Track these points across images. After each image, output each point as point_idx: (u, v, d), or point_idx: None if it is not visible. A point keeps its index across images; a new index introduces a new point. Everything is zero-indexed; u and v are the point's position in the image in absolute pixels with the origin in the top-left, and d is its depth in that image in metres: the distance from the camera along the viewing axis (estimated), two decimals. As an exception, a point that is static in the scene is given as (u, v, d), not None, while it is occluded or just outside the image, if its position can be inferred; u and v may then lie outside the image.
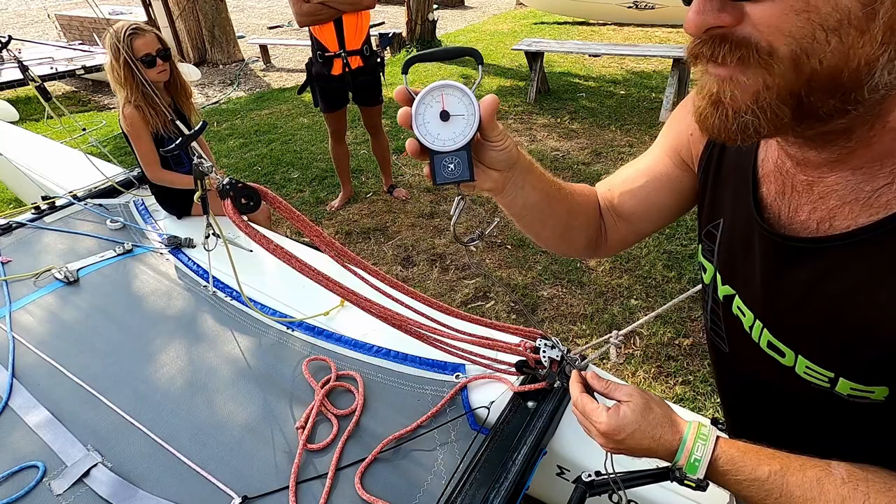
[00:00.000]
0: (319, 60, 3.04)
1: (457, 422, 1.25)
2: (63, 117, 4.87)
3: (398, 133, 4.88)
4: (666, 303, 1.63)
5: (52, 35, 10.36)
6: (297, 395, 1.36)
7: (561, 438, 1.22)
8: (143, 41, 1.95)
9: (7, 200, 3.98)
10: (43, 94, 2.15)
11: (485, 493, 1.04)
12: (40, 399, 1.38)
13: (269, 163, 4.49)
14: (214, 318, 1.66)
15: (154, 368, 1.48)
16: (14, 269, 1.92)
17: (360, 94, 3.25)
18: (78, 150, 2.89)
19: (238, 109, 6.06)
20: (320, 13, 2.84)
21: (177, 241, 2.01)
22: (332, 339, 1.54)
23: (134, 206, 2.34)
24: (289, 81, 7.22)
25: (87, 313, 1.70)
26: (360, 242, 3.30)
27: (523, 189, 0.69)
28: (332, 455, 1.18)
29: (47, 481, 1.17)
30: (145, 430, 1.28)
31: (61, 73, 6.19)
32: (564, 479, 1.24)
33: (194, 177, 1.30)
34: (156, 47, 1.99)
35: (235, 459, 1.21)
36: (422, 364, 1.42)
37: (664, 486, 1.07)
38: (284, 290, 1.76)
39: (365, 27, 3.02)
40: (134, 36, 1.93)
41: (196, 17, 7.96)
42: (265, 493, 1.12)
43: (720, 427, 1.21)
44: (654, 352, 2.32)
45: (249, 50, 8.80)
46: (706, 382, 2.14)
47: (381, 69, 3.24)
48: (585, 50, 5.63)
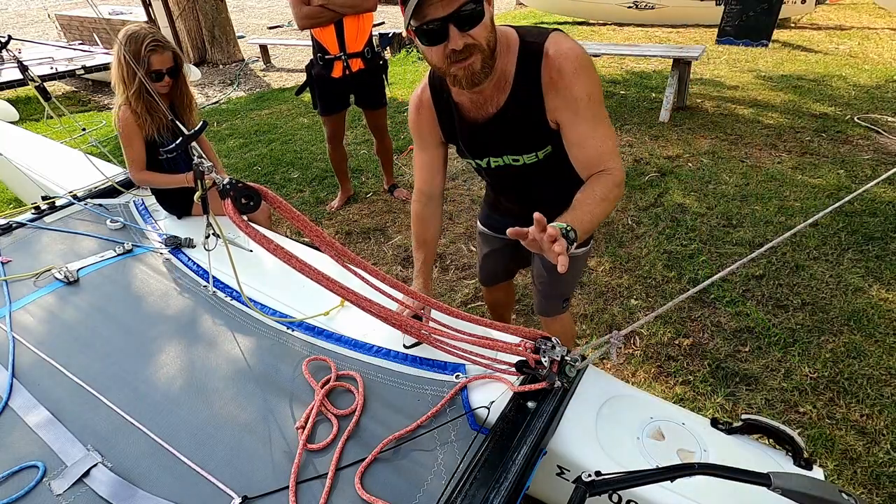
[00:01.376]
0: (320, 62, 2.99)
1: (457, 422, 1.24)
2: (63, 117, 4.88)
3: (398, 133, 4.89)
4: (666, 303, 1.63)
5: (52, 35, 10.37)
6: (297, 395, 1.36)
7: (561, 438, 1.22)
8: (159, 58, 1.92)
9: (7, 200, 3.98)
10: (43, 94, 2.15)
11: (485, 493, 1.04)
12: (40, 399, 1.38)
13: (269, 163, 4.49)
14: (214, 318, 1.66)
15: (154, 368, 1.48)
16: (14, 269, 1.92)
17: (363, 97, 3.21)
18: (78, 150, 2.89)
19: (238, 109, 6.06)
20: (321, 16, 2.79)
21: (177, 241, 2.01)
22: (332, 339, 1.54)
23: (134, 206, 2.34)
24: (289, 81, 7.22)
25: (87, 313, 1.70)
26: (360, 242, 3.30)
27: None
28: (332, 455, 1.18)
29: (47, 481, 1.17)
30: (145, 430, 1.28)
31: (61, 73, 6.19)
32: (564, 479, 1.24)
33: (194, 176, 1.30)
34: (169, 65, 1.97)
35: (235, 459, 1.21)
36: (422, 364, 1.42)
37: (664, 486, 1.07)
38: (284, 290, 1.76)
39: (367, 29, 2.97)
40: (153, 52, 1.90)
41: (196, 17, 7.96)
42: (265, 493, 1.12)
43: (720, 427, 1.22)
44: (654, 352, 2.32)
45: (249, 50, 8.80)
46: (706, 382, 2.14)
47: (383, 71, 3.20)
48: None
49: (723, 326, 2.42)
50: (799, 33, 7.84)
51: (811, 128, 4.49)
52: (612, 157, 1.21)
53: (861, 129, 4.41)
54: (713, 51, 7.04)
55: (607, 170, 1.20)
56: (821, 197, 3.42)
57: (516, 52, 1.19)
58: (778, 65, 6.32)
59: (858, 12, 9.07)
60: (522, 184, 1.43)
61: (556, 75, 1.15)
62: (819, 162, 3.90)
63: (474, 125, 1.32)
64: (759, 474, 0.84)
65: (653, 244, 3.03)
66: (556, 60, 1.15)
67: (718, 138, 4.40)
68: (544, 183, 1.40)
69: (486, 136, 1.33)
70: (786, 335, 2.35)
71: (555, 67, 1.15)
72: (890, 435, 1.89)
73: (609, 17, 9.27)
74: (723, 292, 2.62)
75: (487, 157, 1.38)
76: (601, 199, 1.17)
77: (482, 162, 1.41)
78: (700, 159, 4.05)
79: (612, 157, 1.21)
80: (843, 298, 2.54)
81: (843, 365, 2.18)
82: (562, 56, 1.15)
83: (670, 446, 1.18)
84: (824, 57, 6.54)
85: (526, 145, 1.30)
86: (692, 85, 5.47)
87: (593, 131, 1.19)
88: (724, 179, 3.72)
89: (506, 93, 1.23)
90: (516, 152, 1.32)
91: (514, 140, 1.30)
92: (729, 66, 6.39)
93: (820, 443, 1.88)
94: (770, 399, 2.06)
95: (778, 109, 4.96)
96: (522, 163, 1.34)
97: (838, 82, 5.57)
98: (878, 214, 3.17)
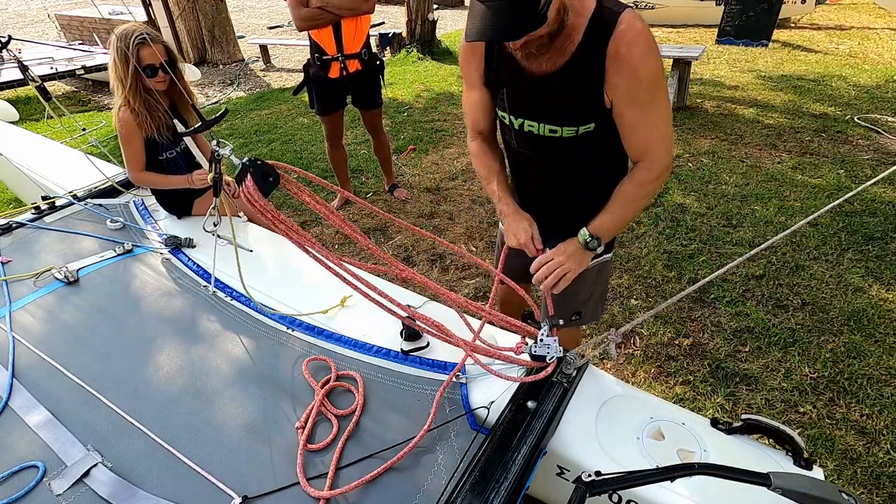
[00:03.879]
0: (317, 63, 3.02)
1: (457, 422, 1.24)
2: (63, 117, 4.88)
3: (398, 133, 4.89)
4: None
5: (52, 35, 10.36)
6: (297, 395, 1.36)
7: (561, 438, 1.22)
8: (149, 51, 1.92)
9: (7, 200, 3.98)
10: (43, 94, 2.15)
11: (485, 493, 1.04)
12: (40, 399, 1.38)
13: (269, 163, 4.48)
14: (214, 318, 1.66)
15: (154, 368, 1.48)
16: (14, 269, 1.92)
17: (358, 97, 3.25)
18: (78, 150, 2.89)
19: (238, 109, 6.06)
20: (319, 18, 2.82)
21: (177, 241, 2.00)
22: (332, 338, 1.54)
23: (134, 206, 2.34)
24: (289, 81, 7.22)
25: (87, 313, 1.70)
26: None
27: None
28: (332, 455, 1.18)
29: (47, 481, 1.17)
30: (145, 430, 1.28)
31: (61, 73, 6.18)
32: (564, 479, 1.24)
33: (210, 160, 1.32)
34: (161, 59, 1.97)
35: (235, 459, 1.21)
36: (422, 364, 1.42)
37: (664, 486, 1.07)
38: (284, 289, 1.76)
39: (364, 31, 3.00)
40: (142, 45, 1.91)
41: (196, 17, 7.96)
42: (265, 493, 1.12)
43: (720, 427, 1.22)
44: (654, 352, 2.32)
45: (249, 50, 8.80)
46: (706, 382, 2.14)
47: (380, 72, 3.23)
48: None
49: (723, 326, 2.42)
50: (799, 33, 7.84)
51: (811, 128, 4.49)
52: (661, 143, 1.20)
53: (861, 129, 4.41)
54: (713, 51, 7.04)
55: (650, 160, 1.21)
56: (821, 197, 3.42)
57: (589, 15, 1.11)
58: (778, 65, 6.32)
59: (858, 12, 9.07)
60: (547, 159, 1.34)
61: (625, 50, 1.09)
62: (819, 162, 3.91)
63: (524, 79, 1.22)
64: (759, 474, 0.84)
65: (653, 244, 3.03)
66: (629, 35, 1.09)
67: (718, 138, 4.40)
68: (570, 165, 1.34)
69: (532, 94, 1.24)
70: (786, 335, 2.35)
71: (625, 42, 1.09)
72: (890, 435, 1.89)
73: (609, 17, 9.25)
74: (723, 292, 2.62)
75: (524, 118, 1.29)
76: (632, 198, 1.21)
77: (516, 121, 1.31)
78: (700, 159, 4.05)
79: (661, 142, 1.20)
80: (843, 298, 2.54)
81: (843, 365, 2.18)
82: (636, 32, 1.09)
83: (670, 446, 1.18)
84: (824, 57, 6.54)
85: (571, 116, 1.22)
86: (692, 85, 5.47)
87: (646, 116, 1.17)
88: (724, 179, 3.73)
89: (567, 55, 1.15)
90: (558, 122, 1.24)
91: (560, 106, 1.22)
92: (729, 66, 6.39)
93: (820, 443, 1.88)
94: (770, 399, 2.06)
95: (778, 109, 4.96)
96: (560, 135, 1.25)
97: (838, 82, 5.57)
98: (877, 214, 3.17)
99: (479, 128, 1.43)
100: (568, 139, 1.24)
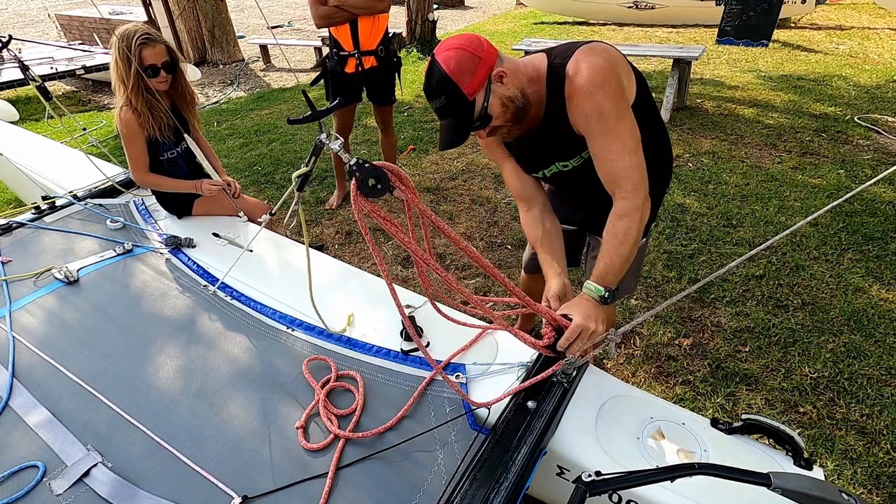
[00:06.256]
0: (335, 58, 3.15)
1: (457, 422, 1.24)
2: (63, 117, 4.88)
3: (398, 133, 4.88)
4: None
5: (52, 35, 10.37)
6: (297, 395, 1.36)
7: (561, 438, 1.22)
8: (151, 52, 1.93)
9: (7, 200, 3.98)
10: (43, 94, 2.15)
11: (485, 493, 1.04)
12: (40, 399, 1.38)
13: (270, 163, 4.48)
14: (214, 318, 1.66)
15: (154, 368, 1.48)
16: (14, 269, 1.92)
17: (373, 93, 3.37)
18: (78, 150, 2.89)
19: (238, 109, 6.06)
20: (336, 16, 2.94)
21: (177, 241, 2.01)
22: (333, 339, 1.54)
23: (134, 206, 2.34)
24: (289, 81, 7.22)
25: (87, 313, 1.70)
26: (360, 242, 3.30)
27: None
28: (332, 455, 1.18)
29: (47, 481, 1.17)
30: (145, 430, 1.28)
31: (61, 73, 6.18)
32: (564, 479, 1.24)
33: (312, 152, 1.37)
34: (163, 59, 1.97)
35: (235, 459, 1.21)
36: (422, 364, 1.42)
37: (664, 486, 1.07)
38: (285, 289, 1.76)
39: (381, 29, 3.11)
40: (144, 46, 1.91)
41: (196, 17, 7.96)
42: (265, 493, 1.12)
43: (720, 427, 1.22)
44: (654, 352, 2.31)
45: (249, 50, 8.80)
46: (706, 382, 2.14)
47: (396, 69, 3.35)
48: (585, 50, 5.61)
49: (723, 326, 2.42)
50: (799, 33, 7.84)
51: (811, 128, 4.49)
52: (631, 172, 1.24)
53: (861, 129, 4.41)
54: (713, 51, 7.03)
55: (624, 190, 1.26)
56: (821, 197, 3.42)
57: (545, 78, 1.27)
58: (778, 65, 6.32)
59: (858, 12, 9.07)
60: (582, 184, 1.47)
61: (572, 93, 1.23)
62: (819, 162, 3.90)
63: (521, 141, 1.42)
64: (759, 474, 0.84)
65: (653, 244, 3.02)
66: (575, 80, 1.21)
67: (718, 138, 4.40)
68: (593, 179, 1.43)
69: (532, 150, 1.44)
70: (786, 335, 2.35)
71: (572, 86, 1.22)
72: (890, 435, 1.88)
73: (609, 17, 9.26)
74: (723, 292, 2.62)
75: (541, 169, 1.48)
76: (623, 233, 1.26)
77: (538, 174, 1.50)
78: (700, 159, 4.05)
79: (631, 171, 1.24)
80: (843, 298, 2.54)
81: (843, 365, 2.18)
82: (577, 76, 1.21)
83: (670, 446, 1.18)
84: (824, 57, 6.54)
85: (566, 152, 1.38)
86: (692, 85, 5.47)
87: (606, 146, 1.25)
88: (725, 179, 3.72)
89: (541, 116, 1.33)
90: (561, 158, 1.41)
91: (557, 149, 1.39)
92: (729, 66, 6.39)
93: (820, 443, 1.88)
94: (770, 399, 2.06)
95: (778, 109, 4.96)
96: (572, 167, 1.41)
97: (838, 82, 5.57)
98: (877, 214, 3.17)
99: (524, 195, 1.54)
100: (580, 165, 1.40)
